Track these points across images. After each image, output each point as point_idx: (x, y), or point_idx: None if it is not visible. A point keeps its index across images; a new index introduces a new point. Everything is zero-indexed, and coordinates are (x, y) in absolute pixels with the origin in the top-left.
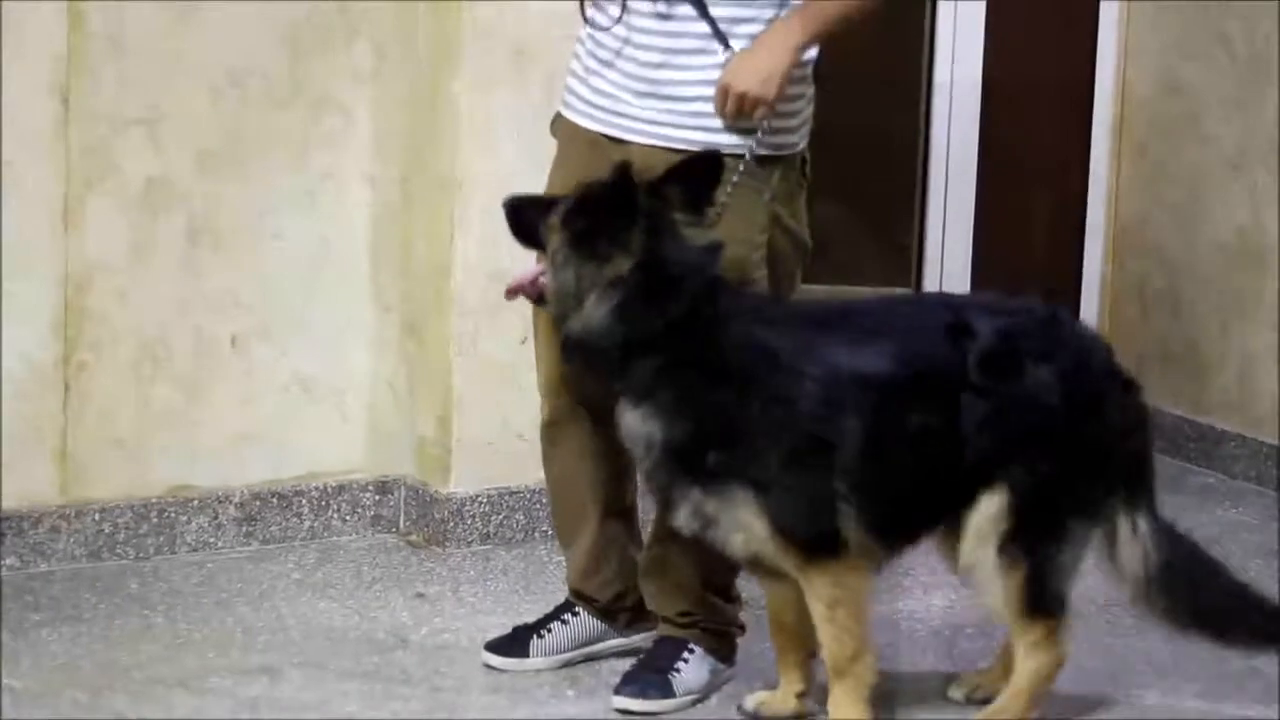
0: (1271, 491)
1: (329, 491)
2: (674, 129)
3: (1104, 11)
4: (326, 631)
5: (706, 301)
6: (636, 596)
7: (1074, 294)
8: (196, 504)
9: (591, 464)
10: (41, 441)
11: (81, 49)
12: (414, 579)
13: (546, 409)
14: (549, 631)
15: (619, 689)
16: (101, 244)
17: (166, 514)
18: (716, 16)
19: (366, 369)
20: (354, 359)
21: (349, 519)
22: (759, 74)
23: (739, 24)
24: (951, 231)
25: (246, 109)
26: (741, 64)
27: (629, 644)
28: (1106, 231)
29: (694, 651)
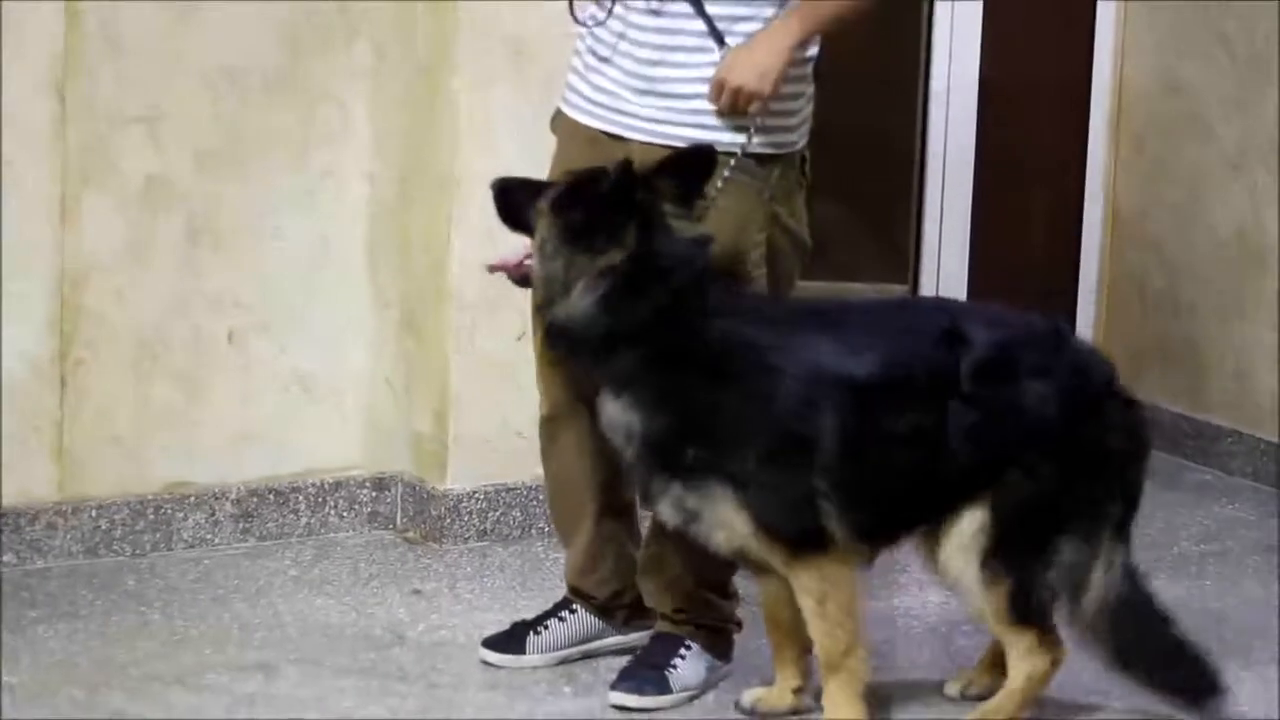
0: (1268, 488)
1: (326, 488)
2: (673, 127)
3: (1101, 10)
4: (323, 628)
5: (694, 295)
6: (634, 594)
7: (1071, 291)
8: (193, 501)
9: (589, 461)
10: (38, 438)
11: (79, 47)
12: (411, 575)
13: (545, 404)
14: (546, 628)
15: (616, 685)
16: (99, 241)
17: (163, 511)
18: (713, 14)
19: (364, 366)
20: (352, 356)
21: (346, 515)
22: (755, 69)
23: (737, 22)
24: (949, 229)
25: (245, 107)
26: (738, 59)
27: (627, 642)
28: (1104, 229)
29: (691, 648)
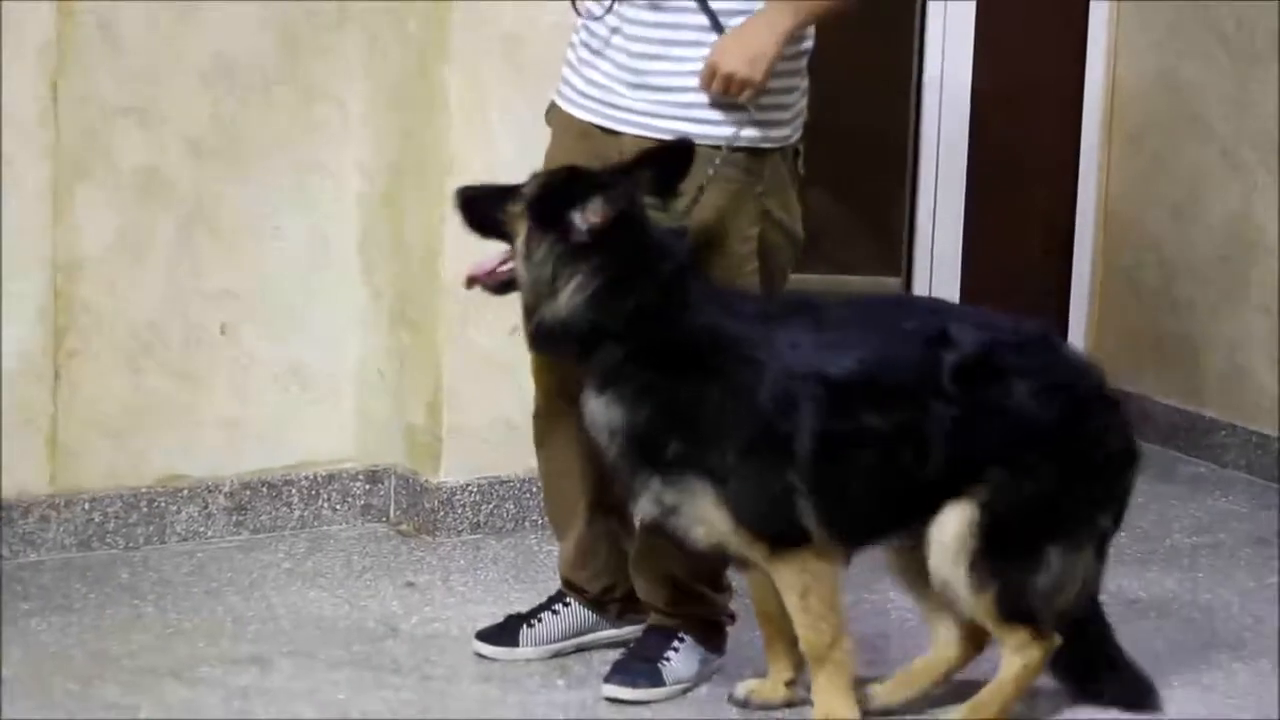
0: (1261, 480)
1: (319, 481)
2: (664, 120)
3: (1095, 5)
4: (316, 621)
5: (675, 288)
6: (627, 588)
7: (1065, 285)
8: (187, 493)
9: (582, 456)
10: (31, 431)
11: (71, 38)
12: (404, 568)
13: (539, 398)
14: (539, 621)
15: (609, 678)
16: (91, 233)
17: (156, 503)
18: (716, 10)
19: (357, 358)
20: (345, 348)
21: (339, 508)
22: (747, 55)
23: (735, 16)
24: (942, 224)
25: (238, 100)
26: (729, 44)
27: (620, 635)
28: (1097, 222)
29: (684, 641)
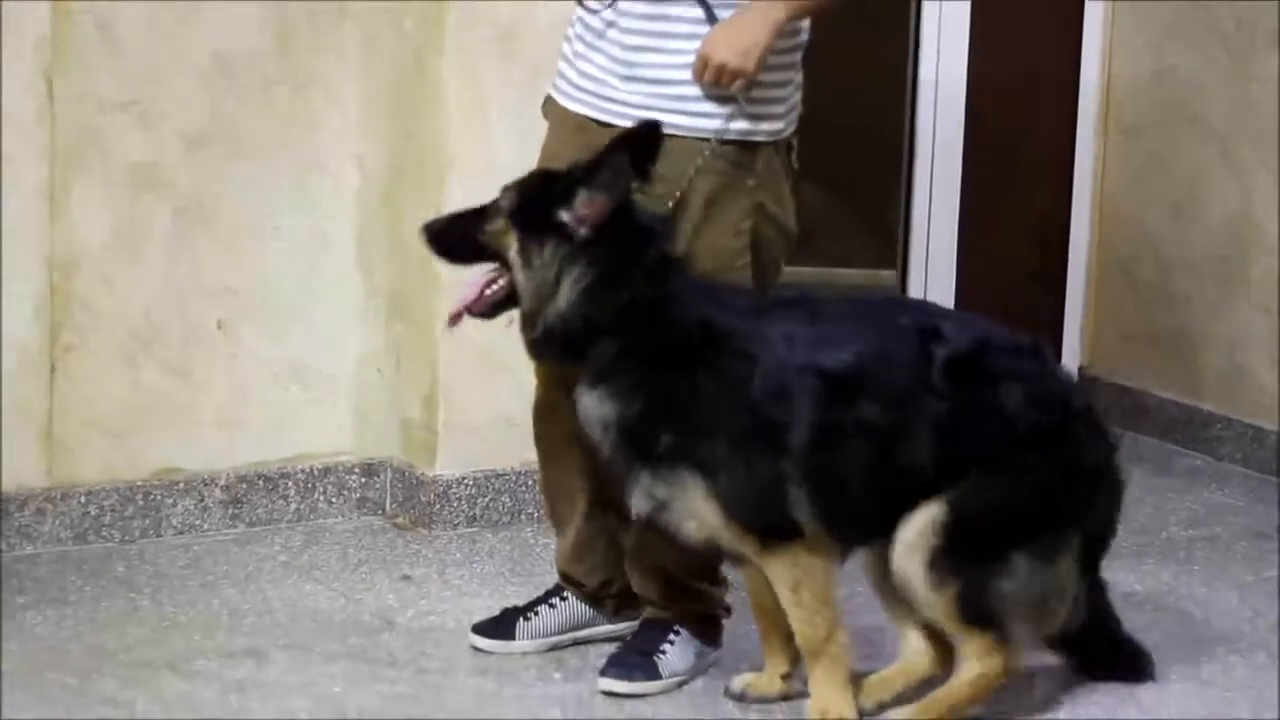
0: (1258, 473)
1: (315, 474)
2: (657, 113)
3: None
4: (312, 614)
5: (666, 278)
6: (624, 584)
7: (1060, 280)
8: (182, 486)
9: (580, 449)
10: (27, 424)
11: (68, 33)
12: (400, 561)
13: (539, 390)
14: (536, 615)
15: (605, 671)
16: (88, 228)
17: (152, 496)
18: (711, 1)
19: (353, 351)
20: (341, 342)
21: (335, 501)
22: (739, 45)
23: (730, 9)
24: (938, 218)
25: (234, 94)
26: (722, 35)
27: (616, 631)
28: (1093, 217)
29: (680, 634)
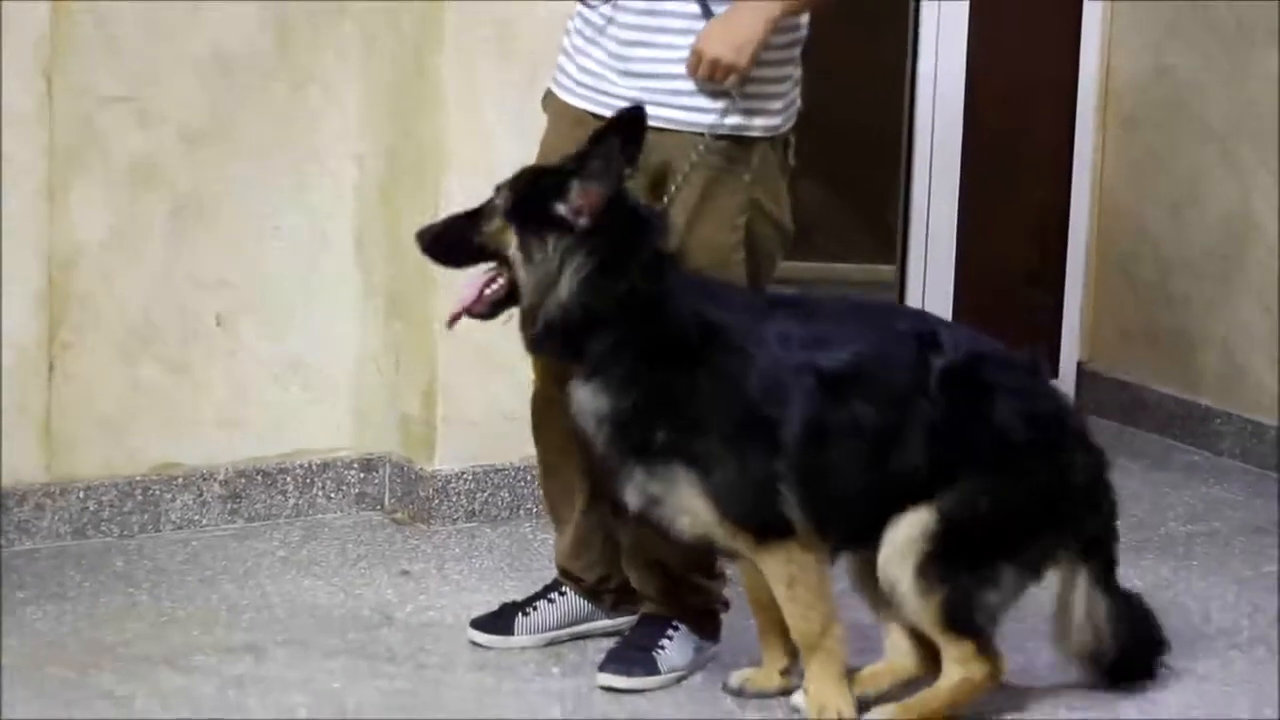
0: (1257, 469)
1: (314, 469)
2: (652, 107)
3: None
4: (311, 609)
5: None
6: (623, 579)
7: (1059, 276)
8: (181, 482)
9: (579, 445)
10: (26, 420)
11: (66, 28)
12: (399, 556)
13: (537, 383)
14: (535, 610)
15: (604, 666)
16: (86, 223)
17: (151, 492)
18: None
19: (352, 346)
20: (339, 336)
21: (334, 496)
22: (733, 41)
23: (725, 3)
24: (936, 214)
25: (232, 89)
26: (716, 30)
27: (615, 626)
28: (1092, 214)
29: (678, 629)
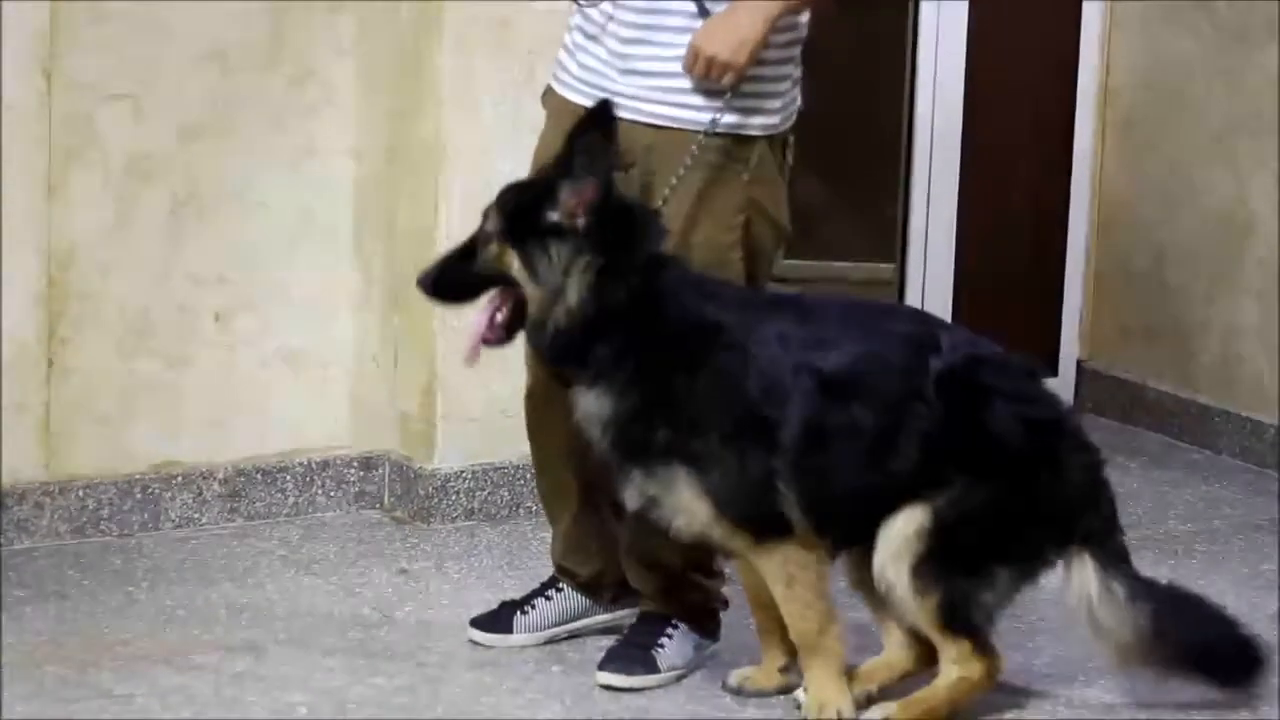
0: (1256, 467)
1: (313, 467)
2: (651, 105)
3: None
4: (310, 608)
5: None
6: (619, 573)
7: (1058, 271)
8: (180, 480)
9: (575, 442)
10: (26, 418)
11: (64, 22)
12: (398, 555)
13: (529, 378)
14: (533, 608)
15: (603, 665)
16: (84, 218)
17: (150, 490)
18: None
19: (350, 344)
20: (338, 334)
21: (333, 495)
22: (731, 39)
23: (723, 2)
24: (936, 210)
25: (229, 81)
26: (714, 27)
27: (613, 619)
28: (1091, 206)
29: (677, 628)
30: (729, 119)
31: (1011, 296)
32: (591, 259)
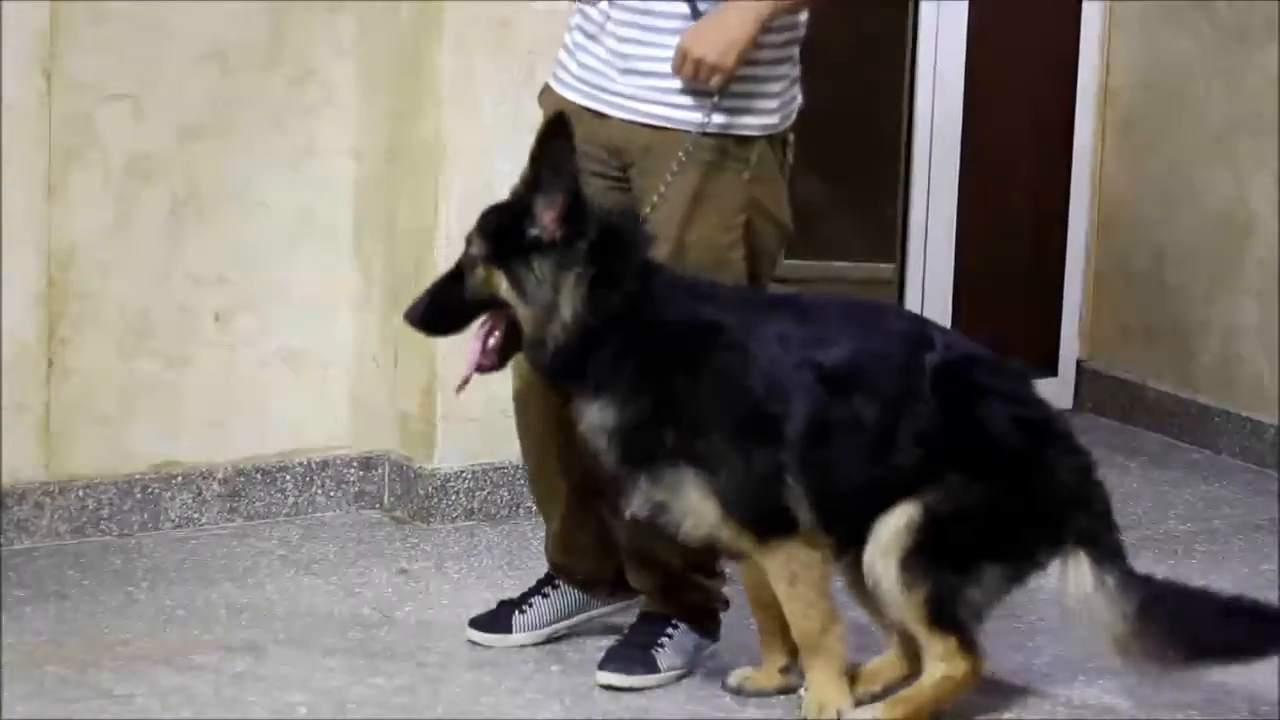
0: (1256, 466)
1: (313, 467)
2: (647, 105)
3: None
4: (310, 608)
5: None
6: (615, 567)
7: (1058, 271)
8: (180, 480)
9: (562, 435)
10: (26, 418)
11: (64, 22)
12: (398, 555)
13: (515, 378)
14: (530, 606)
15: (603, 665)
16: (84, 218)
17: (150, 490)
18: None
19: (350, 343)
20: (338, 334)
21: (333, 495)
22: (719, 41)
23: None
24: (935, 210)
25: (229, 81)
26: (703, 29)
27: (611, 612)
28: (1091, 205)
29: (678, 627)
30: (719, 119)
31: (1011, 296)
32: (582, 271)
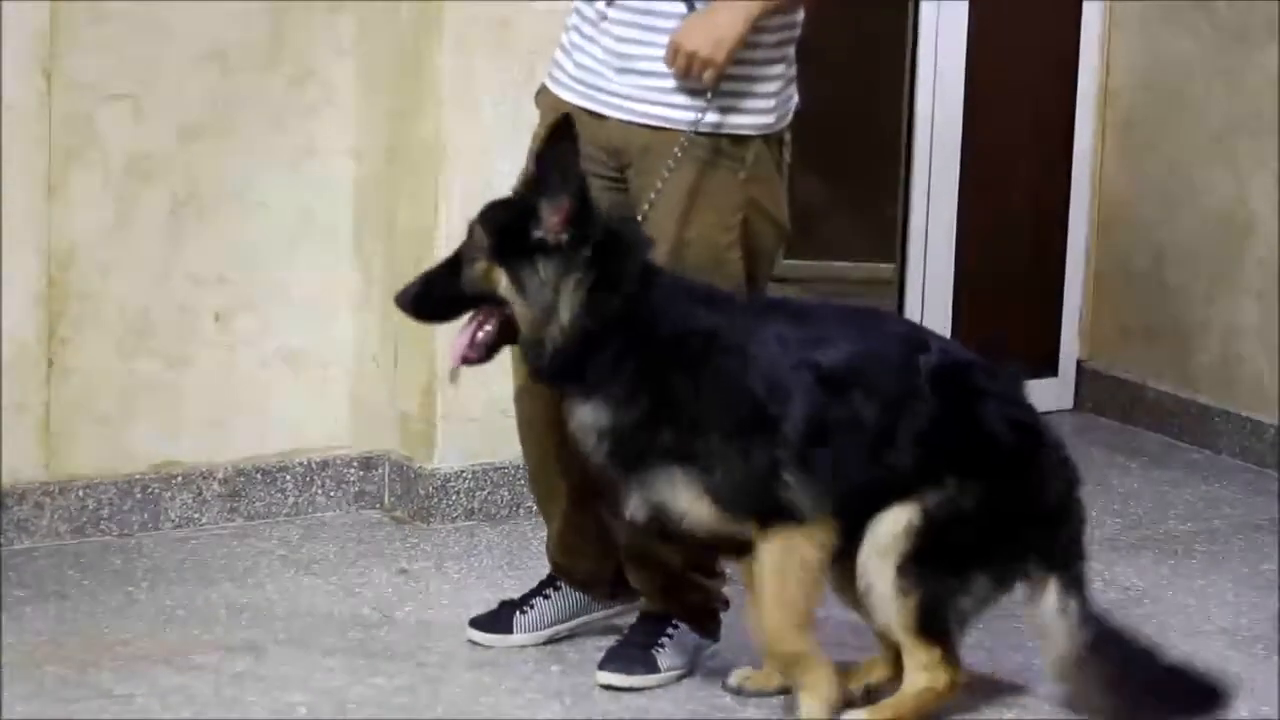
0: (1256, 466)
1: (313, 467)
2: (644, 104)
3: None
4: (310, 608)
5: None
6: (616, 568)
7: (1058, 271)
8: (180, 480)
9: (561, 435)
10: (26, 418)
11: (64, 22)
12: (398, 555)
13: (516, 377)
14: (531, 607)
15: (603, 665)
16: (84, 218)
17: (150, 490)
18: None
19: (350, 343)
20: (338, 334)
21: (333, 495)
22: (711, 35)
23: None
24: (936, 210)
25: (229, 81)
26: (695, 24)
27: (612, 614)
28: (1091, 205)
29: (678, 628)
30: (712, 117)
31: (1011, 296)
32: (583, 276)
